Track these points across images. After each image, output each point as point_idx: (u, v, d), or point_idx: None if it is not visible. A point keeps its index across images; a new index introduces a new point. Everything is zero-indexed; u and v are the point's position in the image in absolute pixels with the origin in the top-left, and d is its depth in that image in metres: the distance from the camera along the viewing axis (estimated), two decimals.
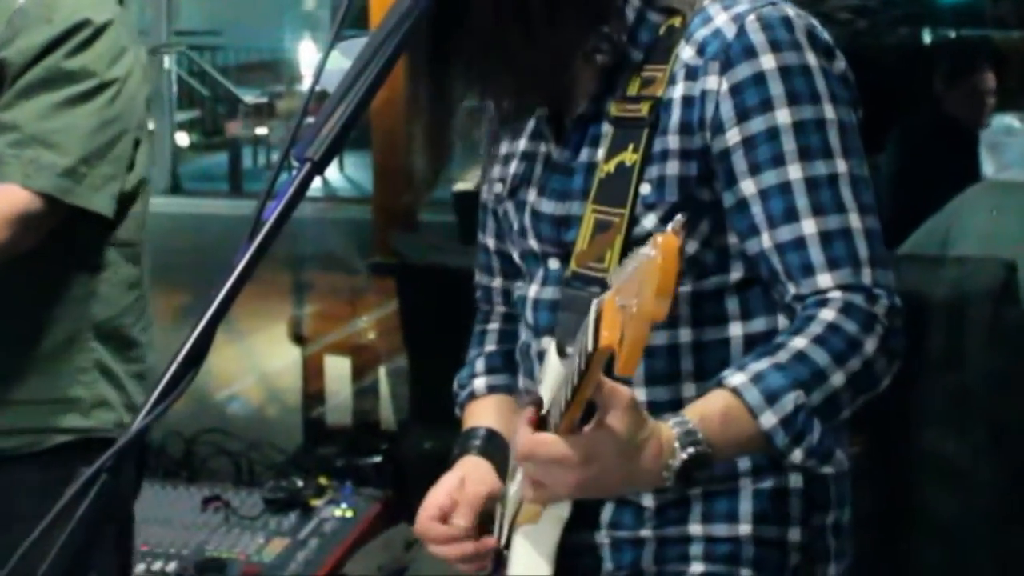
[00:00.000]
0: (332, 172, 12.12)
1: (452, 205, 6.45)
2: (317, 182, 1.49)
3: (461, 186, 6.35)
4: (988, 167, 5.03)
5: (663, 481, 1.62)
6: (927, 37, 8.30)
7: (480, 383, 2.11)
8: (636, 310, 1.34)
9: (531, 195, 1.94)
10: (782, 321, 1.84)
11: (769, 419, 1.67)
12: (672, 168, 1.81)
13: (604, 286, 1.73)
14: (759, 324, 1.85)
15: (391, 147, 8.61)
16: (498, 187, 2.02)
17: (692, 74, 1.81)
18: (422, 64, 1.88)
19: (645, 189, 1.81)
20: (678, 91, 1.81)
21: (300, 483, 4.34)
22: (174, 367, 1.39)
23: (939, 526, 3.38)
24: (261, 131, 10.58)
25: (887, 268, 1.78)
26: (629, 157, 1.81)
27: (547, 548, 1.81)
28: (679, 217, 1.39)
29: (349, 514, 4.28)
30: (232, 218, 6.08)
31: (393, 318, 6.36)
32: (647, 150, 1.80)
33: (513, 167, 1.99)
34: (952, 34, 8.38)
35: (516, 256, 2.02)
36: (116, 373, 2.63)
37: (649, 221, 1.81)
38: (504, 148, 2.03)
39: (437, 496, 1.99)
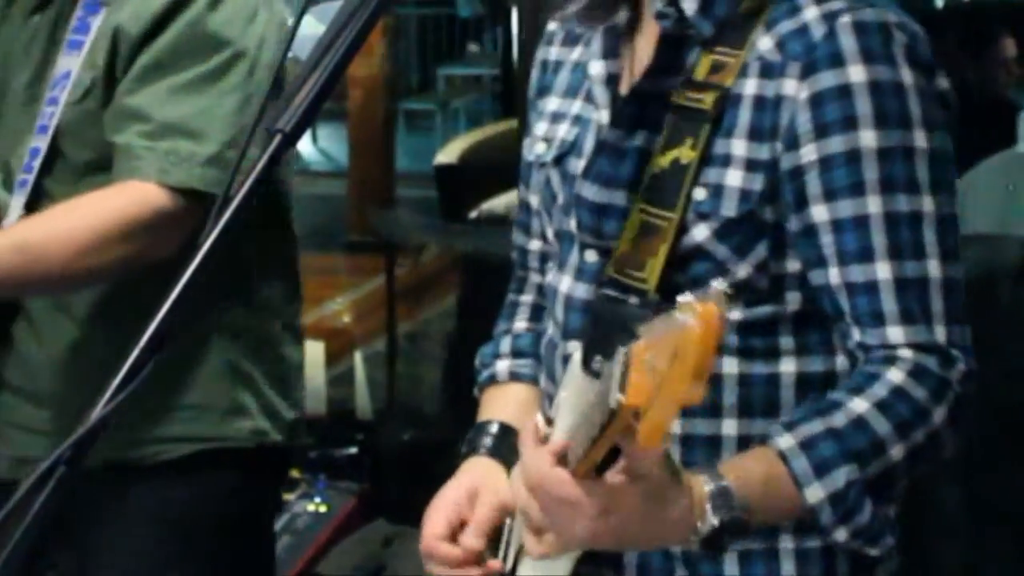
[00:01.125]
0: (305, 144, 12.15)
1: (433, 179, 6.45)
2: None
3: (443, 159, 6.35)
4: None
5: (688, 544, 1.55)
6: (939, 2, 8.31)
7: (503, 367, 2.01)
8: (664, 383, 1.27)
9: (579, 168, 1.82)
10: (841, 362, 1.75)
11: (816, 493, 1.60)
12: (734, 178, 1.70)
13: (643, 296, 1.69)
14: (815, 363, 1.75)
15: (367, 118, 8.62)
16: (541, 147, 1.90)
17: (768, 71, 1.70)
18: None
19: (700, 194, 1.70)
20: (750, 87, 1.70)
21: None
22: (136, 353, 1.39)
23: (952, 520, 3.40)
24: None
25: (965, 325, 1.69)
26: (686, 154, 1.70)
27: None
28: (719, 284, 1.29)
29: (323, 509, 4.29)
30: None
31: (370, 299, 6.36)
32: (706, 149, 1.70)
33: (563, 130, 1.87)
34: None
35: (551, 232, 1.90)
36: (251, 375, 2.46)
37: (700, 232, 1.70)
38: (553, 104, 1.91)
39: (445, 510, 1.88)
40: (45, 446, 2.27)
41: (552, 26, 1.98)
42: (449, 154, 6.35)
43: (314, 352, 5.50)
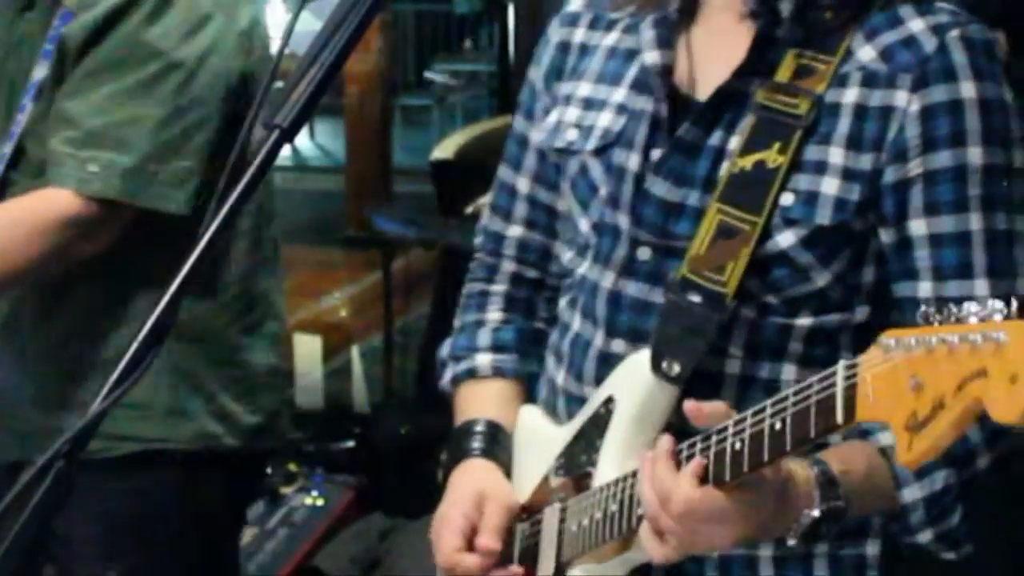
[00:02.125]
0: (302, 140, 12.15)
1: (429, 174, 6.44)
2: (286, 150, 1.48)
3: (439, 155, 6.34)
4: None
5: (789, 532, 1.54)
6: None
7: (484, 361, 1.95)
8: (956, 400, 1.20)
9: (632, 162, 1.75)
10: None
11: (914, 493, 1.61)
12: (829, 186, 1.65)
13: (719, 301, 1.65)
14: None
15: (364, 114, 8.62)
16: (572, 134, 1.82)
17: (872, 80, 1.65)
18: None
19: (787, 199, 1.65)
20: (850, 96, 1.65)
21: (268, 469, 4.35)
22: (135, 346, 1.39)
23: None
24: None
25: None
26: (773, 158, 1.65)
27: None
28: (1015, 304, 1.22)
29: (320, 502, 4.29)
30: None
31: (367, 294, 6.37)
32: (797, 154, 1.65)
33: (604, 119, 1.80)
34: None
35: (585, 224, 1.81)
36: (201, 379, 2.45)
37: (785, 239, 1.66)
38: (584, 90, 1.84)
39: (455, 523, 1.83)
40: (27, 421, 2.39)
41: (576, 7, 1.92)
42: (445, 150, 6.34)
43: (311, 346, 5.51)
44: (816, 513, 1.53)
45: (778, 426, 1.42)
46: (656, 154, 1.74)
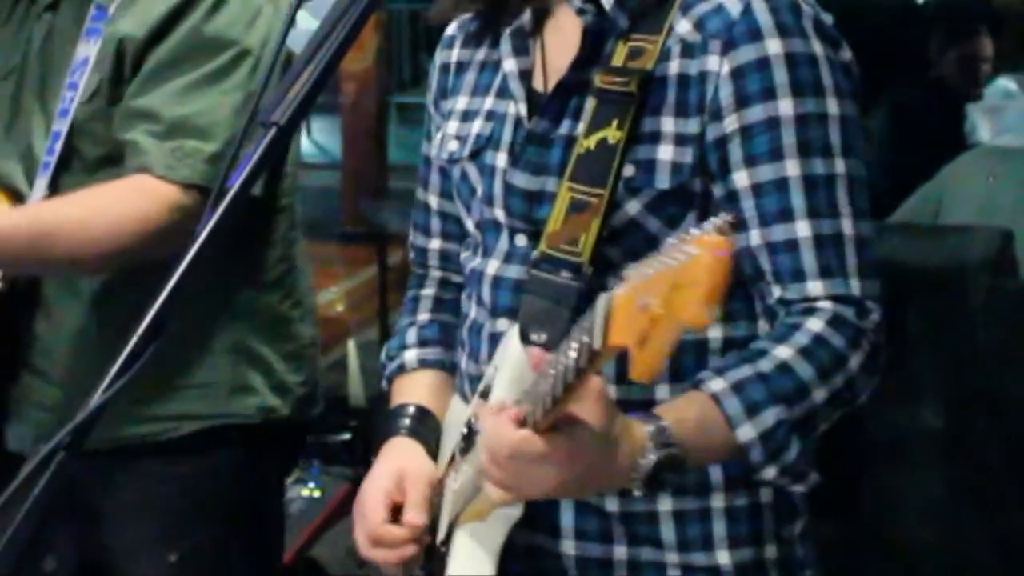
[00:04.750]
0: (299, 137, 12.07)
1: None
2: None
3: None
4: (985, 132, 5.03)
5: (631, 482, 1.58)
6: None
7: (411, 356, 2.05)
8: (664, 311, 1.28)
9: (500, 160, 1.87)
10: (762, 326, 1.80)
11: (747, 432, 1.65)
12: (665, 152, 1.75)
13: (576, 270, 1.72)
14: (740, 329, 1.80)
15: (361, 111, 8.61)
16: (453, 145, 1.94)
17: (689, 51, 1.75)
18: None
19: (629, 171, 1.75)
20: (673, 68, 1.76)
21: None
22: (135, 340, 1.39)
23: (928, 508, 3.40)
24: None
25: (876, 279, 1.75)
26: (612, 134, 1.74)
27: (492, 548, 1.76)
28: (723, 217, 1.30)
29: (317, 494, 4.28)
30: None
31: (363, 288, 6.36)
32: (633, 128, 1.74)
33: (476, 126, 1.92)
34: None
35: (471, 224, 1.94)
36: (259, 353, 2.49)
37: (632, 207, 1.76)
38: (461, 103, 1.96)
39: (378, 497, 1.91)
40: (54, 423, 2.29)
41: (451, 30, 2.03)
42: None
43: None
44: (652, 459, 1.56)
45: (568, 362, 1.44)
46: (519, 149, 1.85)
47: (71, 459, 1.36)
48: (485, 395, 1.79)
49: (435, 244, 2.09)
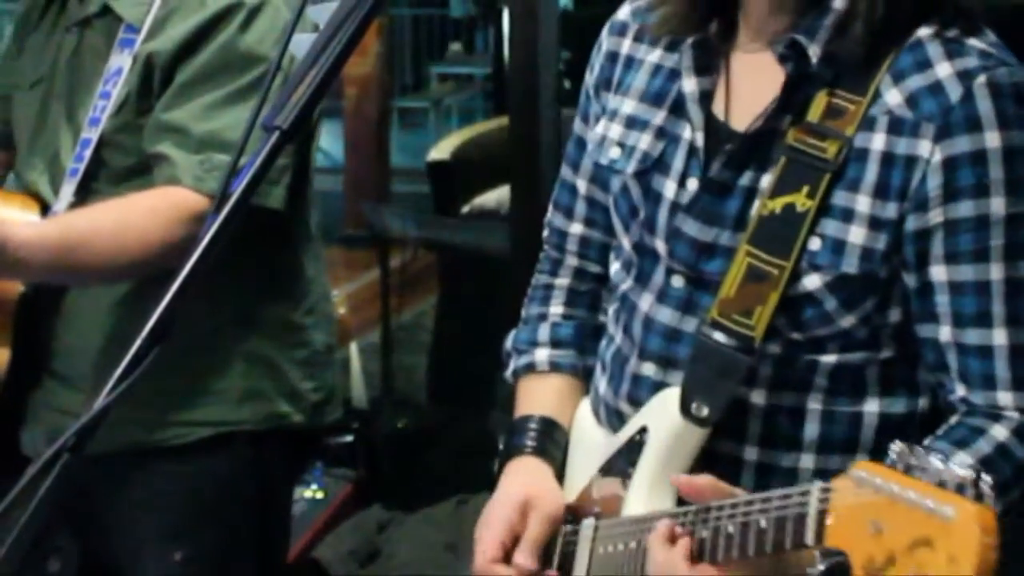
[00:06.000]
0: None
1: (426, 175, 6.44)
2: None
3: (436, 155, 6.33)
4: None
5: None
6: None
7: (542, 355, 1.95)
8: (906, 559, 1.22)
9: (668, 190, 1.75)
10: (923, 403, 1.72)
11: None
12: (856, 235, 1.63)
13: (748, 344, 1.66)
14: (899, 405, 1.72)
15: (363, 115, 8.61)
16: (615, 152, 1.82)
17: (897, 127, 1.62)
18: None
19: (815, 244, 1.64)
20: (878, 142, 1.63)
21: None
22: (138, 343, 1.39)
23: None
24: None
25: None
26: (802, 201, 1.64)
27: None
28: (986, 482, 1.23)
29: (319, 495, 4.29)
30: None
31: (365, 291, 6.36)
32: (824, 199, 1.63)
33: (644, 142, 1.79)
34: None
35: (627, 242, 1.82)
36: (272, 361, 2.48)
37: (811, 281, 1.65)
38: (628, 107, 1.83)
39: (497, 529, 1.83)
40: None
41: (623, 15, 1.90)
42: (442, 151, 6.33)
43: None
44: (820, 569, 1.49)
45: (763, 524, 1.44)
46: (692, 183, 1.74)
47: (75, 460, 1.36)
48: (633, 450, 1.76)
49: (576, 229, 1.97)
